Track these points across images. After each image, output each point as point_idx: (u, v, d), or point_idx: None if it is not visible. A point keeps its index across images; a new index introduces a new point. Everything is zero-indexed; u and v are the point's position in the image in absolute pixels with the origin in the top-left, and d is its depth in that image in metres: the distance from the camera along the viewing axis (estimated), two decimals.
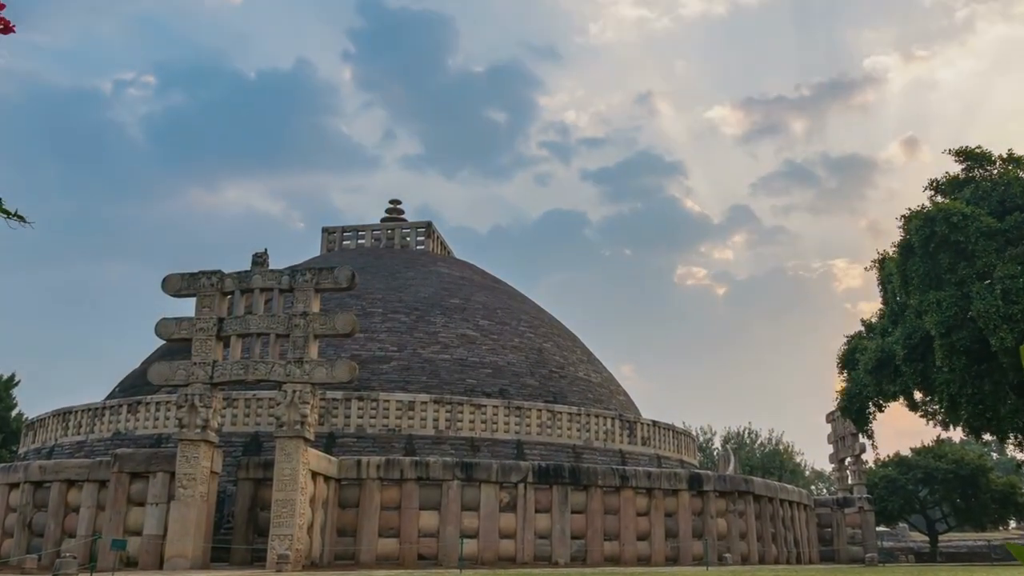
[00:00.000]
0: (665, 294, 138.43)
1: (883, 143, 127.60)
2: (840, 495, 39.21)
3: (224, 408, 26.53)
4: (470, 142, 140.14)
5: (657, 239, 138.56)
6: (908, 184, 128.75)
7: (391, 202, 49.27)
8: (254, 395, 28.88)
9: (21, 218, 3.74)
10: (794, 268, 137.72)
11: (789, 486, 34.53)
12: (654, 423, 36.05)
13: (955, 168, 29.62)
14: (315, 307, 22.02)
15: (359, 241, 46.56)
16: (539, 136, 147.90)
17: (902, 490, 47.19)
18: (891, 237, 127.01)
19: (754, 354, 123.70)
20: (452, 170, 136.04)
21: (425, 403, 30.08)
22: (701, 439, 76.35)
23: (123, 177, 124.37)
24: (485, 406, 30.83)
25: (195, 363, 21.83)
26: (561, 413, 32.25)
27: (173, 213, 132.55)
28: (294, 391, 21.10)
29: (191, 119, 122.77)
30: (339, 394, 29.17)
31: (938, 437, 51.96)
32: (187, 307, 22.95)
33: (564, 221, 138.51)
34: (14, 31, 3.72)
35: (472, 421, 30.42)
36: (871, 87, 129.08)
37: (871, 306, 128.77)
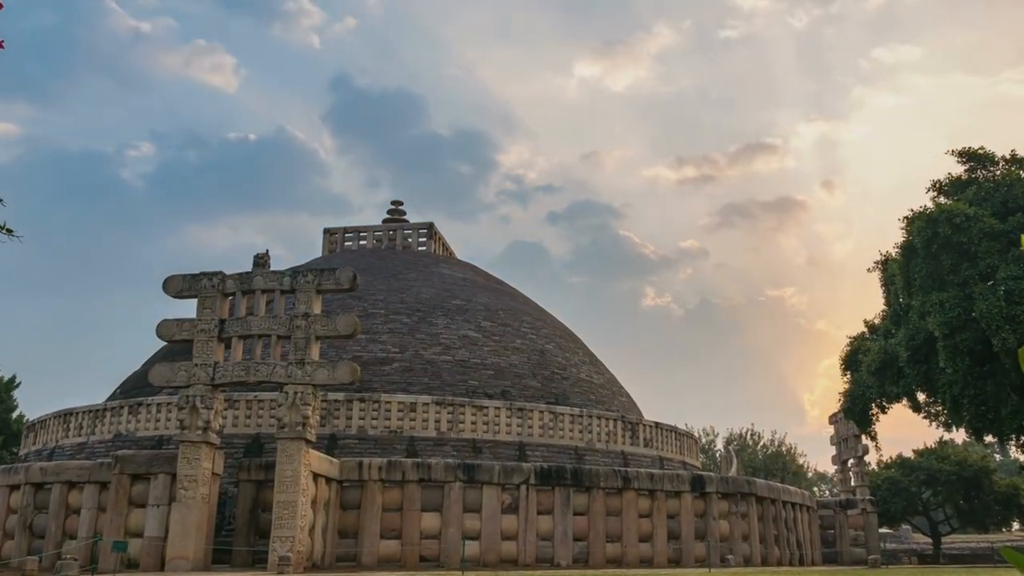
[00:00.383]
0: (635, 314, 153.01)
1: (807, 187, 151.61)
2: (843, 497, 39.14)
3: (225, 410, 26.50)
4: (439, 191, 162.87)
5: (616, 270, 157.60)
6: (833, 223, 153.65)
7: (393, 203, 49.07)
8: (255, 397, 28.84)
9: (9, 231, 3.73)
10: (750, 294, 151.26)
11: (792, 488, 34.44)
12: (656, 425, 36.00)
13: (957, 169, 29.56)
14: (317, 308, 21.97)
15: (361, 242, 46.48)
16: (499, 186, 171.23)
17: (905, 492, 47.09)
18: (828, 269, 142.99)
19: (728, 364, 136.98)
20: (423, 215, 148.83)
21: (427, 405, 30.04)
22: (703, 441, 76.27)
23: (126, 217, 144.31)
24: (487, 408, 30.79)
25: (196, 364, 21.79)
26: (563, 415, 32.20)
27: (172, 244, 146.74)
28: (295, 392, 21.06)
29: (186, 173, 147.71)
30: (341, 395, 29.13)
31: (941, 438, 51.92)
32: (188, 309, 22.93)
33: (528, 252, 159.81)
34: (2, 47, 3.72)
35: (474, 423, 30.38)
36: (785, 148, 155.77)
37: (826, 323, 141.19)
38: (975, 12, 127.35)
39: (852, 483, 39.55)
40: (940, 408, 29.22)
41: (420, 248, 45.96)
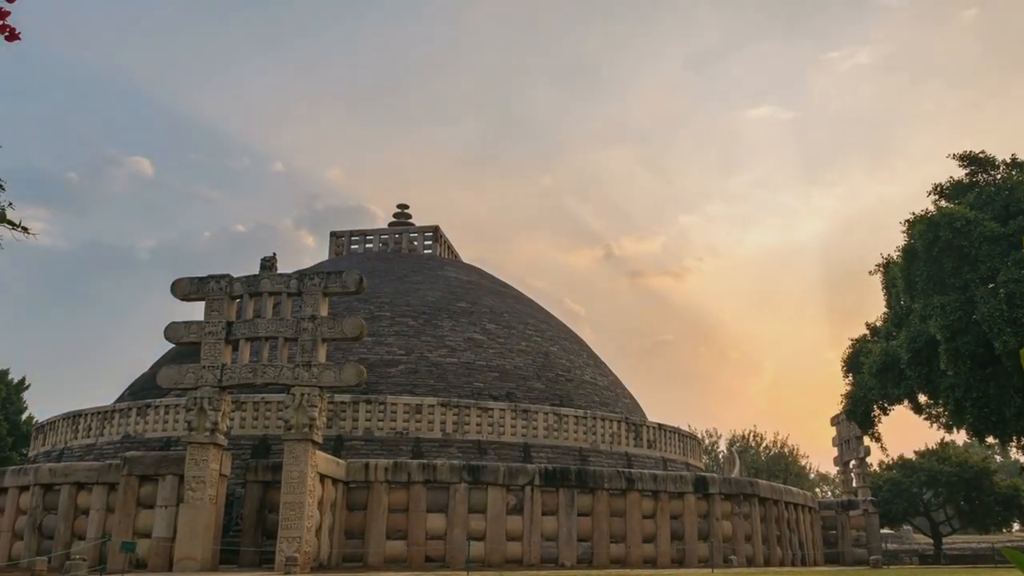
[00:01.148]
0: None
1: (689, 261, 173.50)
2: (845, 498, 39.30)
3: (233, 411, 26.70)
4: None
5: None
6: (721, 282, 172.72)
7: (399, 206, 49.32)
8: (263, 398, 29.05)
9: (25, 229, 3.93)
10: (673, 338, 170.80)
11: (794, 489, 34.63)
12: (660, 426, 36.17)
13: (959, 172, 29.73)
14: (323, 311, 22.18)
15: (367, 245, 46.71)
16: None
17: (906, 492, 47.27)
18: (724, 318, 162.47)
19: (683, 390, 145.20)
20: None
21: (432, 406, 30.23)
22: (707, 442, 76.42)
23: (132, 273, 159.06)
24: (492, 409, 30.98)
25: (204, 366, 21.99)
26: (567, 416, 32.39)
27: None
28: (302, 394, 21.27)
29: (186, 250, 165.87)
30: (347, 397, 29.34)
31: (942, 440, 52.08)
32: (196, 312, 23.13)
33: None
34: (19, 39, 3.89)
35: (479, 424, 30.57)
36: (662, 238, 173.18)
37: (744, 355, 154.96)
38: (788, 149, 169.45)
39: (854, 484, 39.72)
40: (941, 410, 29.41)
41: (426, 251, 46.22)
